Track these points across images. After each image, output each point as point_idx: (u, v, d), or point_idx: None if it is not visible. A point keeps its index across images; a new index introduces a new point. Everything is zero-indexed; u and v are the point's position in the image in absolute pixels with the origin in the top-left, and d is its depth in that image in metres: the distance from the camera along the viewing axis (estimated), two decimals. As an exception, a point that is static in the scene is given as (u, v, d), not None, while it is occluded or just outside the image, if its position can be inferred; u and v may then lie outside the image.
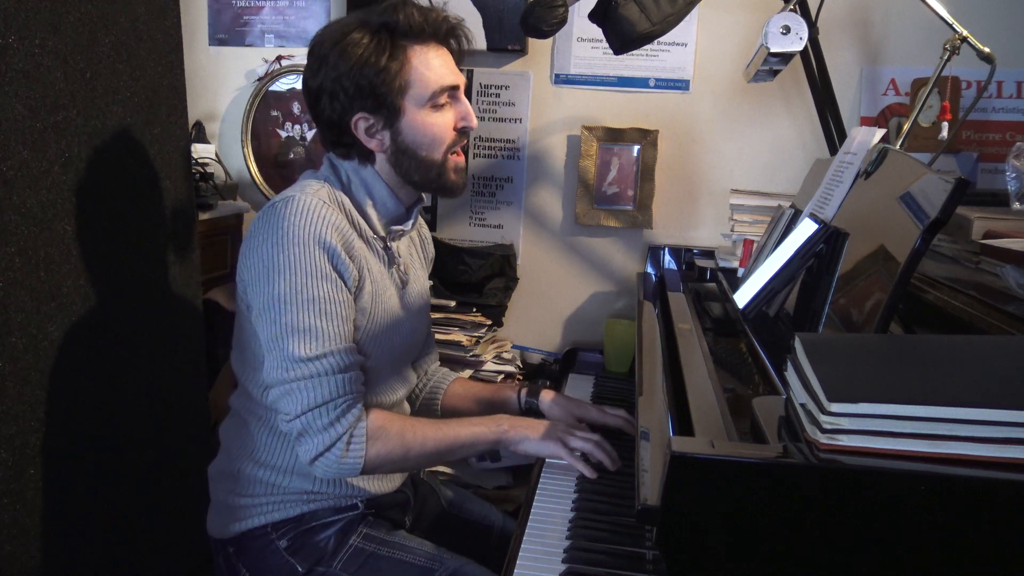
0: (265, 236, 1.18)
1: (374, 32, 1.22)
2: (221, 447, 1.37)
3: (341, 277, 1.20)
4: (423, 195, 1.38)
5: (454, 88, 1.28)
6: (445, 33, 1.28)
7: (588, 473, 1.27)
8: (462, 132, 1.30)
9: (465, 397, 1.53)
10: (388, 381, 1.34)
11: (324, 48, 1.23)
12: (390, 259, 1.33)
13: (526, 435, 1.29)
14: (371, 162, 1.29)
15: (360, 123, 1.25)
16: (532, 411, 1.47)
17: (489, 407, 1.51)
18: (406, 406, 1.46)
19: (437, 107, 1.26)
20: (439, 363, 1.60)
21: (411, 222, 1.35)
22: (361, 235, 1.26)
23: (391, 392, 1.36)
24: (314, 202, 1.19)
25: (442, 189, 1.32)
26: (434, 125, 1.26)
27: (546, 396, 1.47)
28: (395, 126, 1.25)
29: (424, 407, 1.53)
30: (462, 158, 1.32)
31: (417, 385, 1.53)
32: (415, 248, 1.46)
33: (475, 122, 1.31)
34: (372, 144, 1.26)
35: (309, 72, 1.26)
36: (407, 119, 1.25)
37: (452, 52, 1.29)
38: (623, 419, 1.41)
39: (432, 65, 1.25)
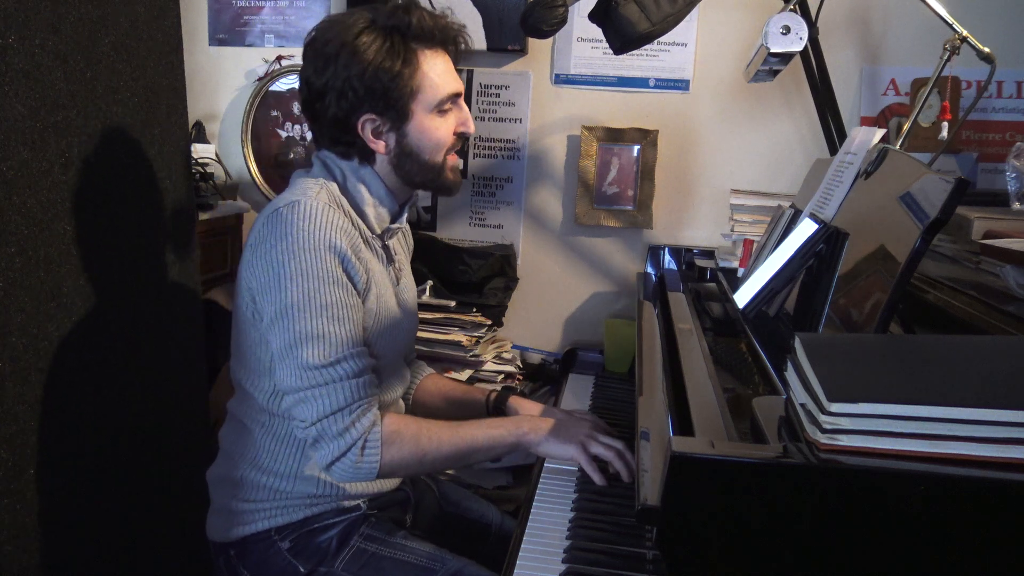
0: (274, 242, 1.18)
1: (386, 34, 1.22)
2: (221, 452, 1.37)
3: (351, 281, 1.20)
4: (416, 192, 1.39)
5: (458, 95, 1.30)
6: (451, 39, 1.29)
7: (599, 481, 1.24)
8: (461, 136, 1.32)
9: (435, 394, 1.53)
10: (388, 380, 1.35)
11: (331, 47, 1.22)
12: (388, 257, 1.34)
13: (546, 437, 1.26)
14: (371, 163, 1.29)
15: (367, 124, 1.25)
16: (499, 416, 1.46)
17: (458, 407, 1.51)
18: (401, 403, 1.46)
19: (442, 112, 1.28)
20: (415, 354, 1.60)
21: (404, 217, 1.36)
22: (361, 235, 1.26)
23: (390, 391, 1.36)
24: (320, 205, 1.19)
25: (441, 188, 1.35)
26: (438, 130, 1.27)
27: (513, 403, 1.46)
28: (402, 129, 1.26)
29: None
30: (457, 158, 1.34)
31: None
32: (400, 243, 1.46)
33: (473, 128, 1.33)
34: (377, 145, 1.26)
35: (312, 69, 1.24)
36: (414, 123, 1.26)
37: (451, 57, 1.30)
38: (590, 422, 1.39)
39: (440, 71, 1.26)
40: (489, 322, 2.10)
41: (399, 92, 1.23)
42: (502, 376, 2.05)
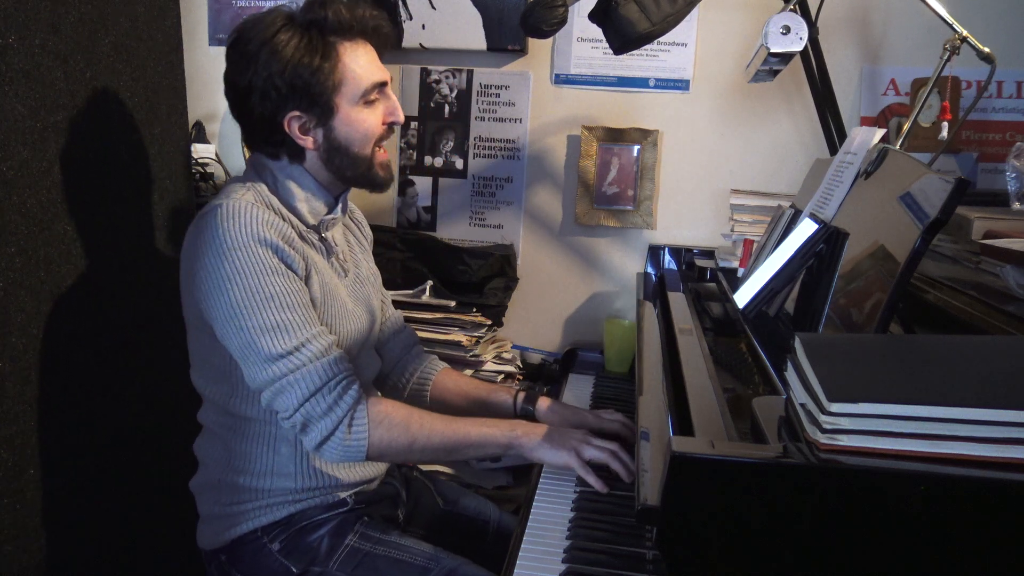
0: (204, 248, 1.18)
1: (303, 30, 1.22)
2: (199, 463, 1.37)
3: (290, 268, 1.21)
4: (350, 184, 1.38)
5: (383, 84, 1.30)
6: (372, 29, 1.28)
7: (599, 487, 1.23)
8: (390, 127, 1.31)
9: (456, 392, 1.52)
10: None
11: (251, 47, 1.22)
12: (328, 249, 1.34)
13: (540, 443, 1.26)
14: (300, 160, 1.29)
15: (293, 122, 1.25)
16: (528, 418, 1.45)
17: (481, 407, 1.50)
18: (374, 391, 1.46)
19: (368, 103, 1.27)
20: (420, 345, 1.58)
21: (340, 208, 1.35)
22: (294, 229, 1.26)
23: None
24: (243, 204, 1.19)
25: (371, 183, 1.34)
26: (365, 121, 1.27)
27: (543, 403, 1.45)
28: (328, 123, 1.26)
29: (412, 396, 1.52)
30: (387, 155, 1.34)
31: (405, 374, 1.53)
32: (351, 234, 1.46)
33: (402, 117, 1.33)
34: (306, 142, 1.26)
35: (234, 69, 1.25)
36: (340, 116, 1.26)
37: (375, 47, 1.30)
38: (620, 423, 1.39)
39: (362, 63, 1.26)
40: (489, 322, 2.10)
41: (321, 87, 1.23)
42: (502, 376, 2.05)
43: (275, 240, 1.19)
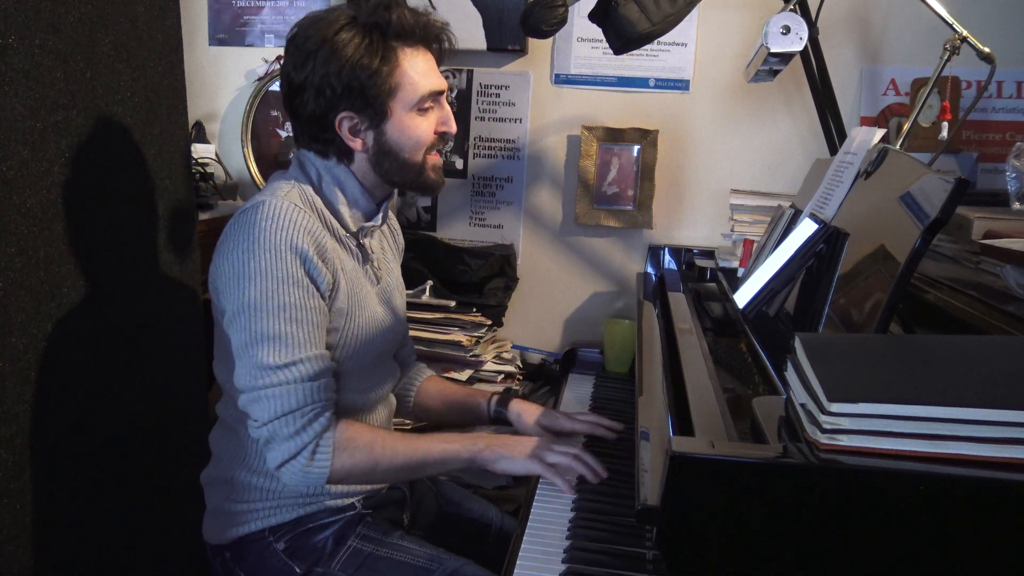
0: (236, 242, 1.18)
1: (365, 31, 1.22)
2: (212, 455, 1.37)
3: (314, 283, 1.20)
4: (395, 190, 1.38)
5: (439, 93, 1.29)
6: (435, 38, 1.28)
7: (565, 489, 1.23)
8: (442, 136, 1.31)
9: (436, 397, 1.53)
10: (373, 378, 1.34)
11: (311, 44, 1.21)
12: (364, 256, 1.33)
13: (502, 454, 1.26)
14: (348, 161, 1.29)
15: (344, 122, 1.24)
16: (500, 420, 1.47)
17: (459, 410, 1.51)
18: (392, 400, 1.46)
19: (423, 111, 1.27)
20: (415, 354, 1.59)
21: (381, 217, 1.34)
22: (334, 234, 1.25)
23: (378, 388, 1.36)
24: (286, 206, 1.18)
25: (421, 187, 1.33)
26: (418, 128, 1.27)
27: (515, 406, 1.46)
28: (380, 127, 1.25)
29: (397, 401, 1.52)
30: (439, 157, 1.33)
31: None
32: (386, 241, 1.46)
33: (454, 128, 1.32)
34: (355, 143, 1.26)
35: (292, 65, 1.24)
36: (393, 121, 1.25)
37: (435, 55, 1.29)
38: (591, 423, 1.39)
39: (421, 69, 1.25)
40: (489, 322, 2.10)
41: (377, 90, 1.22)
42: (502, 376, 2.05)
43: (307, 250, 1.18)
